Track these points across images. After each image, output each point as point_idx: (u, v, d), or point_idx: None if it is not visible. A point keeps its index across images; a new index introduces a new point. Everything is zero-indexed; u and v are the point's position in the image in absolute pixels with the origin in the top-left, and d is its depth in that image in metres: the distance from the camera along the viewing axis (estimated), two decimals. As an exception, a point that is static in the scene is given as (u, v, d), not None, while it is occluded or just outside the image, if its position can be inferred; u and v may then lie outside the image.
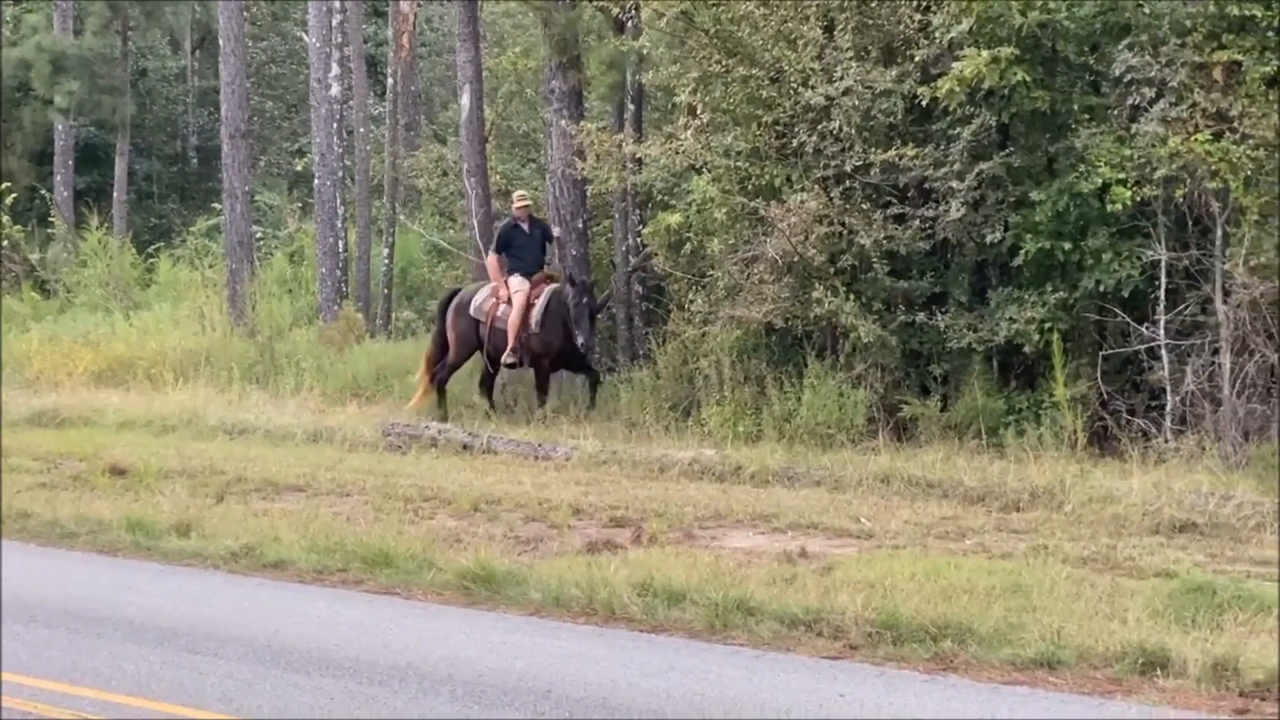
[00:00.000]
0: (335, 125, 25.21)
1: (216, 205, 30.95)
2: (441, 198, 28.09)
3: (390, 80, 29.01)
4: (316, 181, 25.57)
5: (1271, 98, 14.79)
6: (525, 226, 19.73)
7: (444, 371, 19.89)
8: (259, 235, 29.93)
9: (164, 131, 42.03)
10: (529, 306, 19.17)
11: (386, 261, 25.99)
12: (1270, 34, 14.83)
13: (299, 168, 35.69)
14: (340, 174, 25.55)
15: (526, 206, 19.91)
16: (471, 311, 19.66)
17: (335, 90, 25.21)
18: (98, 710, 8.11)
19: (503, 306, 19.38)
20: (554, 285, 19.45)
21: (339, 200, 25.19)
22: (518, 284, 19.36)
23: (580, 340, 18.73)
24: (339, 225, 25.10)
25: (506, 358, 19.25)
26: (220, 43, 27.40)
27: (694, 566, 10.90)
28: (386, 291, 25.85)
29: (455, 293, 20.54)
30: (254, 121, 34.70)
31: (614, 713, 7.97)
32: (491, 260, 19.92)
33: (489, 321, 19.49)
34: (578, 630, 9.88)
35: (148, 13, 36.65)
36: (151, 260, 30.58)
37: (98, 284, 29.09)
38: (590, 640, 9.60)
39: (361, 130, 29.38)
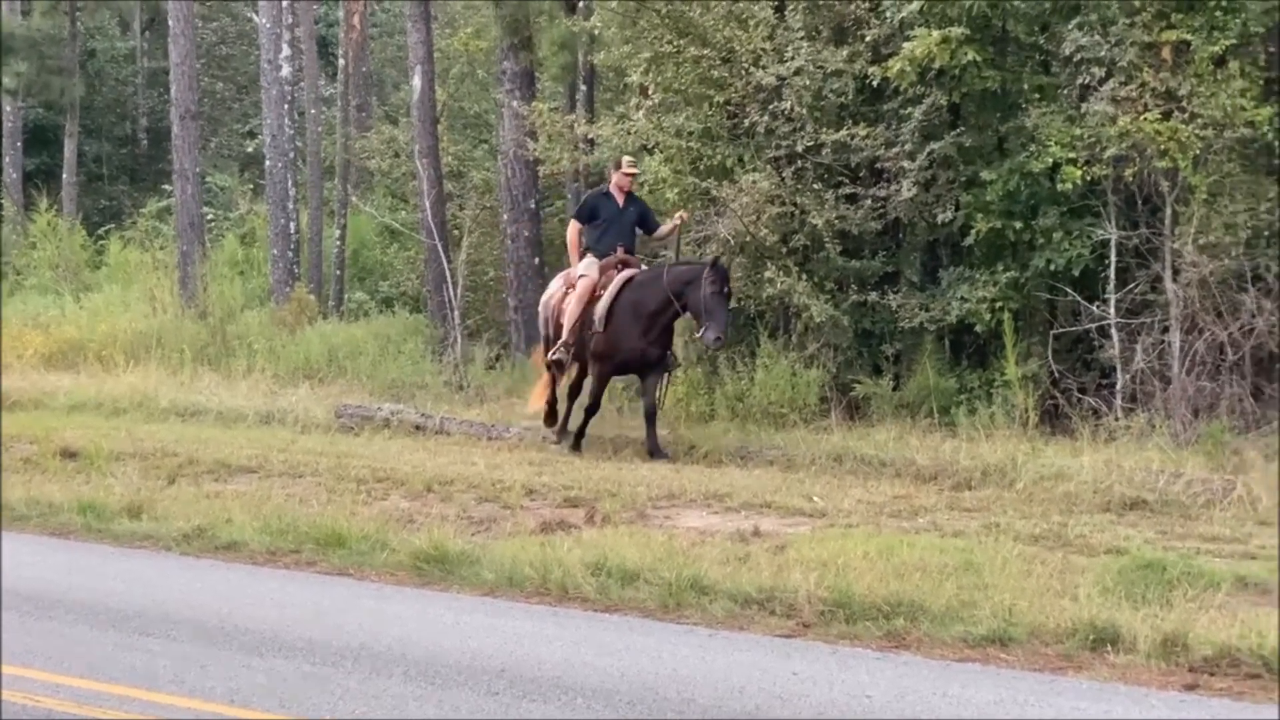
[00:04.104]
0: (286, 106, 25.08)
1: (167, 187, 30.87)
2: (393, 179, 28.07)
3: (341, 61, 28.96)
4: (268, 163, 25.47)
5: (1220, 77, 14.87)
6: (619, 199, 16.28)
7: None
8: (210, 217, 29.83)
9: (113, 113, 41.82)
10: (594, 297, 15.90)
11: (338, 243, 25.96)
12: (1218, 13, 14.89)
13: (250, 149, 35.65)
14: (292, 155, 25.44)
15: (633, 176, 16.59)
16: (540, 306, 16.90)
17: (286, 71, 25.08)
18: (50, 692, 8.06)
19: (571, 295, 16.14)
20: (630, 272, 16.01)
21: (290, 182, 25.08)
22: (586, 266, 16.11)
23: (712, 335, 15.18)
24: (290, 207, 25.01)
25: (553, 353, 16.07)
26: (170, 23, 27.20)
27: (647, 546, 10.89)
28: (338, 273, 25.83)
29: None
30: (204, 103, 34.55)
31: (568, 692, 7.97)
32: (571, 231, 16.85)
33: (554, 316, 16.37)
34: (531, 610, 9.87)
35: (96, -7, 36.51)
36: (102, 242, 30.49)
37: (47, 266, 28.96)
38: (544, 620, 9.60)
39: (313, 111, 29.30)
